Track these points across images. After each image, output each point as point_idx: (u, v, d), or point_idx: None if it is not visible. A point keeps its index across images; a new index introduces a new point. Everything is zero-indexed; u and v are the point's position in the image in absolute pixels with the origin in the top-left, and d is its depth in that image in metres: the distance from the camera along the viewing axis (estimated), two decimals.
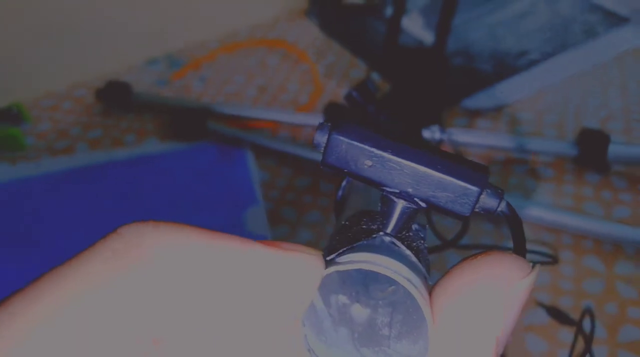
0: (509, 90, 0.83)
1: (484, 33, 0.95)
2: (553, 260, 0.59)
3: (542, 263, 0.60)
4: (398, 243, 0.16)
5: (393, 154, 0.16)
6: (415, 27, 0.95)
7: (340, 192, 0.24)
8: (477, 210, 0.16)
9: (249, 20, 1.02)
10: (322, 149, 0.16)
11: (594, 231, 0.60)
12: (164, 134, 0.81)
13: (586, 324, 0.53)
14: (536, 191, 0.68)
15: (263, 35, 1.00)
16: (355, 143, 0.16)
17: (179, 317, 0.12)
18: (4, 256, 0.64)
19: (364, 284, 0.17)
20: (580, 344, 0.52)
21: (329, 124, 0.16)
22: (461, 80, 0.86)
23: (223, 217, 0.67)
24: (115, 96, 0.85)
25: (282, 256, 0.14)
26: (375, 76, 0.85)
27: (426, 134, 0.71)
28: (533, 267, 0.14)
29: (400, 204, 0.16)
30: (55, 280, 0.12)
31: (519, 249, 0.17)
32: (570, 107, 0.80)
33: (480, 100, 0.82)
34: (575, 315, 0.54)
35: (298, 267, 0.14)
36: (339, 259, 0.15)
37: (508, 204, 0.16)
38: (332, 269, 0.15)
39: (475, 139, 0.72)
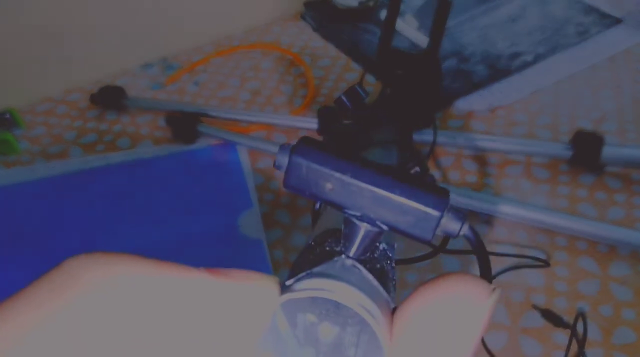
0: (503, 92, 0.83)
1: (477, 35, 0.95)
2: (545, 263, 0.59)
3: (534, 266, 0.60)
4: (359, 266, 0.16)
5: (353, 177, 0.16)
6: (410, 29, 0.95)
7: (317, 204, 0.24)
8: (439, 233, 0.16)
9: (244, 24, 1.02)
10: (284, 170, 0.16)
11: (588, 232, 0.60)
12: (158, 138, 0.81)
13: (581, 326, 0.53)
14: (530, 192, 0.68)
15: (257, 39, 1.00)
16: (315, 166, 0.16)
17: (119, 347, 0.12)
18: (1, 260, 0.64)
19: (335, 302, 0.17)
20: (575, 347, 0.52)
21: (290, 146, 0.16)
22: (454, 82, 0.86)
23: (217, 221, 0.67)
24: (109, 100, 0.85)
25: (230, 285, 0.13)
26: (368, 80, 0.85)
27: (420, 136, 0.71)
28: (494, 290, 0.13)
29: (362, 227, 0.16)
30: (5, 312, 0.12)
31: (484, 271, 0.17)
32: (564, 108, 0.80)
33: (473, 102, 0.82)
34: (570, 317, 0.54)
35: (249, 296, 0.14)
36: (295, 285, 0.15)
37: (470, 227, 0.16)
38: (286, 297, 0.15)
39: (468, 141, 0.72)
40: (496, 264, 0.60)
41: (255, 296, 0.14)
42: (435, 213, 0.15)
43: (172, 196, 0.72)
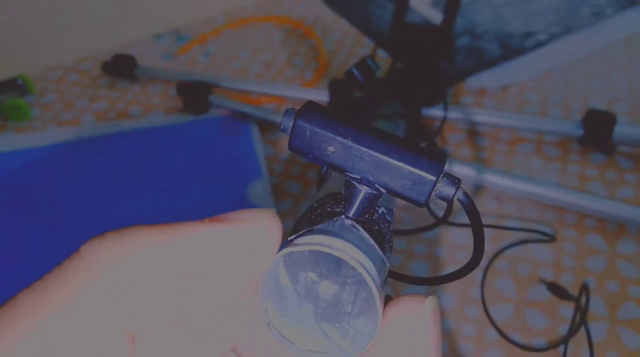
0: (515, 71, 0.83)
1: (491, 13, 0.94)
2: (551, 238, 0.60)
3: (541, 241, 0.60)
4: (358, 226, 0.17)
5: (353, 142, 0.17)
6: (423, 5, 0.94)
7: (324, 168, 0.25)
8: (434, 197, 0.17)
9: None
10: (289, 133, 0.17)
11: (597, 210, 0.61)
12: (169, 107, 0.81)
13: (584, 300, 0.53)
14: (540, 170, 0.68)
15: (269, 12, 1.00)
16: (318, 130, 0.17)
17: (145, 314, 0.14)
18: (12, 224, 0.65)
19: (337, 262, 0.18)
20: (579, 319, 0.52)
21: (295, 109, 0.17)
22: (467, 59, 0.85)
23: (227, 189, 0.68)
24: (121, 69, 0.85)
25: (230, 230, 0.15)
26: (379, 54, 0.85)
27: (431, 111, 0.71)
28: (426, 300, 0.15)
29: (362, 190, 0.17)
30: (29, 299, 0.13)
31: (477, 236, 0.18)
32: (577, 88, 0.80)
33: (486, 79, 0.81)
34: (576, 291, 0.55)
35: (249, 236, 0.15)
36: (296, 241, 0.16)
37: (465, 193, 0.17)
38: (286, 250, 0.16)
39: (480, 117, 0.72)
40: (504, 238, 0.60)
41: (256, 234, 0.15)
42: (430, 177, 0.16)
43: (182, 165, 0.72)
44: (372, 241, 0.17)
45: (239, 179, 0.69)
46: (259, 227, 0.15)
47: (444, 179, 0.16)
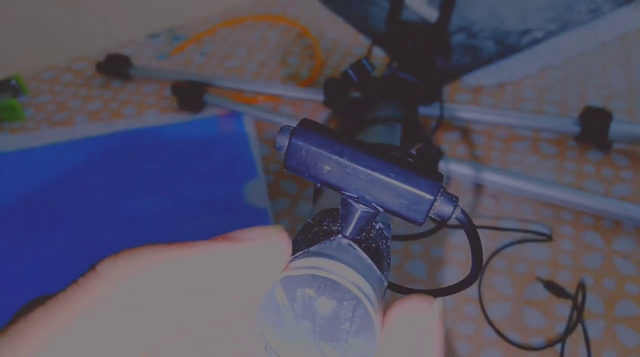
0: (512, 68, 0.83)
1: (487, 11, 0.94)
2: (548, 238, 0.60)
3: (538, 240, 0.60)
4: (355, 246, 0.17)
5: (349, 161, 0.16)
6: (419, 3, 0.94)
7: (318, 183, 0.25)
8: (432, 216, 0.16)
9: None
10: (284, 151, 0.17)
11: (594, 207, 0.60)
12: (164, 107, 0.80)
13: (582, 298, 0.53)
14: (537, 167, 0.68)
15: (265, 10, 0.99)
16: (313, 148, 0.17)
17: (155, 330, 0.14)
18: (5, 226, 0.64)
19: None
20: (576, 317, 0.52)
21: (290, 128, 0.17)
22: (463, 57, 0.85)
23: (222, 189, 0.67)
24: (115, 69, 0.84)
25: (240, 249, 0.15)
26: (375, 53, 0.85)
27: (427, 110, 0.70)
28: (436, 302, 0.16)
29: (358, 208, 0.17)
30: (44, 313, 0.13)
31: (476, 253, 0.18)
32: (573, 85, 0.80)
33: (482, 77, 0.81)
34: (573, 289, 0.55)
35: (258, 255, 0.15)
36: (294, 263, 0.16)
37: (463, 211, 0.17)
38: (284, 273, 0.16)
39: (476, 115, 0.72)
40: (502, 238, 0.60)
41: (266, 250, 0.16)
42: (428, 196, 0.16)
43: (177, 165, 0.72)
44: (369, 260, 0.17)
45: (235, 178, 0.68)
46: (268, 245, 0.16)
47: (442, 198, 0.16)
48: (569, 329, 0.52)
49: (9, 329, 0.13)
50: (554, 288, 0.55)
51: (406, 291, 0.20)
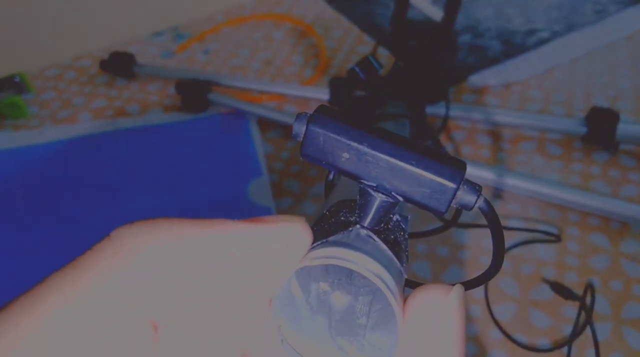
0: (518, 68, 0.82)
1: (493, 11, 0.94)
2: (556, 238, 0.59)
3: (546, 241, 0.59)
4: (374, 237, 0.16)
5: (369, 148, 0.16)
6: (424, 2, 0.93)
7: (331, 175, 0.24)
8: (454, 206, 0.16)
9: None
10: (301, 139, 0.16)
11: (601, 208, 0.60)
12: (168, 105, 0.80)
13: (589, 299, 0.53)
14: (543, 168, 0.67)
15: (269, 9, 0.99)
16: (332, 135, 0.16)
17: (168, 304, 0.14)
18: (9, 222, 0.64)
19: (348, 272, 0.17)
20: (584, 319, 0.52)
21: (307, 114, 0.16)
22: (469, 57, 0.85)
23: (227, 188, 0.67)
24: (119, 67, 0.84)
25: (262, 230, 0.15)
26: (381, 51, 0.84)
27: (433, 109, 0.70)
28: (453, 289, 0.15)
29: (377, 198, 0.16)
30: (59, 280, 0.13)
31: (498, 244, 0.17)
32: (579, 86, 0.79)
33: (488, 77, 0.81)
34: (579, 291, 0.54)
35: (281, 238, 0.15)
36: (311, 253, 0.15)
37: (486, 201, 0.16)
38: (302, 264, 0.15)
39: (482, 115, 0.71)
40: (508, 238, 0.59)
41: (288, 235, 0.15)
42: (451, 185, 0.15)
43: (181, 163, 0.71)
44: (389, 252, 0.16)
45: (239, 177, 0.68)
46: (290, 229, 0.15)
47: (465, 187, 0.16)
48: (577, 331, 0.51)
49: (29, 293, 0.13)
50: (560, 289, 0.54)
51: None
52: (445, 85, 0.74)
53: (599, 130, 0.67)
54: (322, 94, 0.74)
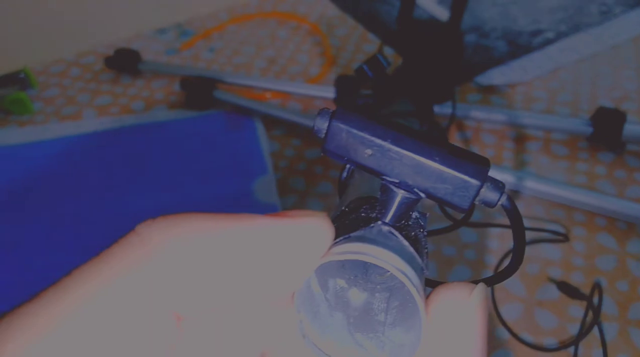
0: (523, 69, 0.82)
1: (498, 11, 0.94)
2: (564, 238, 0.59)
3: (552, 241, 0.59)
4: (396, 233, 0.16)
5: (393, 144, 0.16)
6: (430, 2, 0.93)
7: (344, 173, 0.24)
8: (477, 203, 0.16)
9: None
10: (323, 135, 0.16)
11: (607, 209, 0.60)
12: (172, 103, 0.80)
13: (597, 299, 0.53)
14: (548, 168, 0.67)
15: (274, 7, 0.99)
16: (355, 131, 0.16)
17: (192, 298, 0.14)
18: (13, 219, 0.64)
19: (364, 268, 0.17)
20: (591, 319, 0.52)
21: (330, 111, 0.16)
22: (474, 57, 0.84)
23: (232, 185, 0.67)
24: (124, 64, 0.84)
25: (288, 224, 0.15)
26: (387, 51, 0.84)
27: (439, 109, 0.70)
28: (475, 288, 0.15)
29: (399, 194, 0.16)
30: (85, 272, 0.14)
31: (519, 241, 0.17)
32: (585, 86, 0.79)
33: (494, 77, 0.81)
34: (586, 291, 0.54)
35: (306, 232, 0.15)
36: (334, 249, 0.15)
37: (509, 198, 0.16)
38: (327, 258, 0.15)
39: (488, 115, 0.71)
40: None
41: (312, 230, 0.15)
42: (475, 182, 0.15)
43: (186, 160, 0.71)
44: (411, 249, 0.16)
45: (244, 175, 0.68)
46: (314, 224, 0.15)
47: (489, 184, 0.15)
48: (584, 331, 0.51)
49: (56, 284, 0.13)
50: (567, 289, 0.54)
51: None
52: (452, 85, 0.74)
53: (605, 130, 0.67)
54: (328, 93, 0.74)
